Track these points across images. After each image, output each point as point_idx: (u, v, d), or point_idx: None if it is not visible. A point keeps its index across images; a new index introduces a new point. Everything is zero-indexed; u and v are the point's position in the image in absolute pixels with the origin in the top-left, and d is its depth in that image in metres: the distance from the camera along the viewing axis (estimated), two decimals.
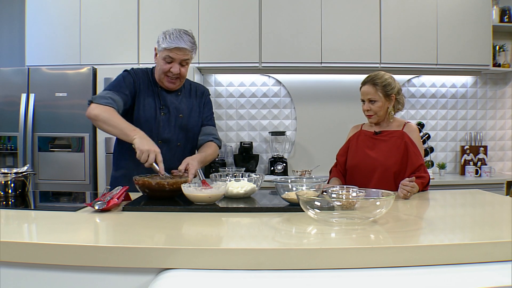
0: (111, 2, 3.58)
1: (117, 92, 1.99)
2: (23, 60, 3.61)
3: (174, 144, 2.10)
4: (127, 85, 2.04)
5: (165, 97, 2.10)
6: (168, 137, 2.08)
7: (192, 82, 2.27)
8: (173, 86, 2.08)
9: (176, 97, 2.13)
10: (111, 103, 1.93)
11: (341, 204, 1.39)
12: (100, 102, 1.92)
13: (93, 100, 1.95)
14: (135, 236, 1.23)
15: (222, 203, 1.65)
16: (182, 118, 2.12)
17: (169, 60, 2.00)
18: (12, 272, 1.12)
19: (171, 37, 1.97)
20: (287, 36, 3.62)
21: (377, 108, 2.15)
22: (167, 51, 1.98)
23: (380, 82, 2.14)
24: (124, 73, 2.09)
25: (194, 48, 2.03)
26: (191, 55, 2.04)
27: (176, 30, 2.01)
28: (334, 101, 3.98)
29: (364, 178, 2.11)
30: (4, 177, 1.83)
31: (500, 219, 1.49)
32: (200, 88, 2.26)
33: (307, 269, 1.03)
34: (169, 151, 2.06)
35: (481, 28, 3.72)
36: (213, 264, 1.04)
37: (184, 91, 2.18)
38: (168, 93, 2.12)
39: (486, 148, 4.02)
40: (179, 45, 1.96)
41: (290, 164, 3.94)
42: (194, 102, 2.19)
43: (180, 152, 2.10)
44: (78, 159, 3.30)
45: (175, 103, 2.11)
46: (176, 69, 2.01)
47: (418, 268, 1.05)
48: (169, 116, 2.09)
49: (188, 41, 1.99)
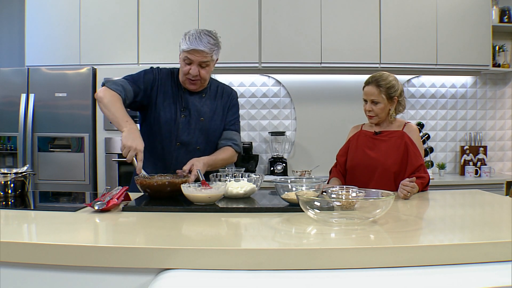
0: (111, 2, 3.58)
1: (131, 82, 1.99)
2: (22, 60, 3.62)
3: (193, 147, 2.06)
4: (145, 80, 2.03)
5: (187, 99, 2.07)
6: (186, 140, 2.05)
7: (220, 84, 2.21)
8: (194, 87, 2.05)
9: (200, 99, 2.09)
10: (120, 90, 1.93)
11: (340, 204, 1.39)
12: (110, 87, 1.93)
13: (105, 83, 1.96)
14: (134, 236, 1.23)
15: (221, 203, 1.65)
16: (203, 121, 2.07)
17: (188, 61, 1.98)
18: (12, 272, 1.11)
19: (190, 39, 1.94)
20: (287, 36, 3.62)
21: (379, 110, 2.14)
22: (185, 53, 1.96)
23: (384, 84, 2.12)
24: (147, 69, 2.09)
25: (214, 50, 1.98)
26: (211, 57, 1.99)
27: (197, 31, 1.97)
28: (333, 101, 3.98)
29: (364, 178, 2.11)
30: (3, 177, 1.83)
31: (500, 219, 1.49)
32: (227, 90, 2.19)
33: (307, 270, 1.03)
34: (187, 154, 2.03)
35: (480, 28, 3.72)
36: (213, 264, 1.04)
37: (209, 93, 2.13)
38: (191, 94, 2.08)
39: (485, 148, 4.03)
40: (196, 47, 1.93)
41: (290, 164, 3.94)
42: (218, 104, 2.13)
43: (199, 155, 2.01)
44: (77, 159, 3.30)
45: (197, 106, 2.07)
46: (195, 71, 1.97)
47: (417, 268, 1.05)
48: (189, 118, 2.06)
49: (207, 43, 1.94)
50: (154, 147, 2.04)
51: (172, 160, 2.05)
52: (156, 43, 3.55)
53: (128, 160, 1.75)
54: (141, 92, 2.01)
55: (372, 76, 2.17)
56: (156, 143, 2.05)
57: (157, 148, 2.05)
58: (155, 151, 2.06)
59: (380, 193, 1.43)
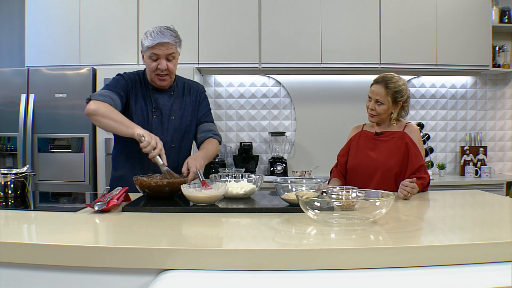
0: (111, 2, 3.58)
1: (115, 92, 2.00)
2: (22, 61, 3.62)
3: (168, 146, 2.07)
4: (121, 86, 2.05)
5: (157, 99, 2.10)
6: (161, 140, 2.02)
7: (186, 81, 2.25)
8: (164, 83, 2.07)
9: (169, 98, 2.12)
10: (108, 100, 1.94)
11: (340, 204, 1.39)
12: (99, 98, 1.94)
13: (92, 97, 1.96)
14: (134, 237, 1.23)
15: (221, 204, 1.65)
16: (174, 119, 2.11)
17: (154, 57, 2.00)
18: (12, 272, 1.12)
19: (152, 35, 1.98)
20: (286, 36, 3.62)
21: (381, 111, 2.13)
22: (151, 49, 1.99)
23: (393, 87, 2.10)
24: (117, 76, 2.10)
25: (177, 42, 2.03)
26: (176, 49, 2.03)
27: (157, 28, 2.01)
28: (333, 102, 3.98)
29: (365, 179, 2.11)
30: (4, 178, 1.83)
31: (500, 219, 1.49)
32: (194, 87, 2.23)
33: (307, 270, 1.03)
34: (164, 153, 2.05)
35: (480, 29, 3.72)
36: (213, 265, 1.04)
37: (177, 91, 2.16)
38: (160, 94, 2.11)
39: (485, 149, 4.03)
40: (161, 40, 1.96)
41: (290, 164, 3.94)
42: (187, 101, 2.17)
43: (175, 153, 2.10)
44: (77, 159, 3.30)
45: (167, 105, 2.11)
46: (163, 65, 2.00)
47: (418, 268, 1.05)
48: (161, 118, 2.09)
49: (169, 35, 1.99)
50: (131, 150, 2.04)
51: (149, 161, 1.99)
52: None
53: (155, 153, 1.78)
54: (123, 99, 2.04)
55: (383, 75, 2.15)
56: (132, 146, 2.00)
57: (134, 151, 2.02)
58: (132, 154, 2.06)
59: (380, 194, 1.43)
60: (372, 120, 2.20)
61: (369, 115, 2.18)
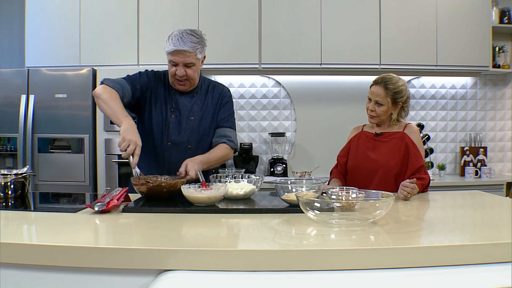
0: (111, 3, 3.58)
1: (129, 82, 2.03)
2: (23, 61, 3.61)
3: (184, 147, 2.07)
4: (141, 81, 2.07)
5: (177, 100, 2.09)
6: (177, 140, 2.07)
7: (212, 82, 2.21)
8: (183, 88, 2.07)
9: (190, 99, 2.11)
10: (118, 88, 1.95)
11: (340, 205, 1.39)
12: (109, 84, 1.96)
13: (104, 81, 1.99)
14: (134, 237, 1.23)
15: (221, 204, 1.65)
16: (193, 120, 2.09)
17: (173, 63, 2.00)
18: (12, 273, 1.11)
19: (173, 40, 1.95)
20: (286, 37, 3.62)
21: (381, 112, 2.13)
22: (169, 55, 1.99)
23: (392, 88, 2.10)
24: (142, 71, 2.12)
25: (197, 48, 1.97)
26: (195, 56, 1.98)
27: (180, 32, 1.97)
28: (333, 102, 3.98)
29: (365, 180, 2.11)
30: (3, 178, 1.83)
31: (500, 220, 1.49)
32: (218, 89, 2.18)
33: (307, 271, 1.03)
34: (179, 153, 2.06)
35: (480, 29, 3.72)
36: (212, 266, 1.04)
37: (200, 92, 2.14)
38: (181, 95, 2.10)
39: (485, 149, 4.03)
40: (178, 48, 1.94)
41: (290, 165, 3.94)
42: (208, 103, 2.14)
43: (191, 154, 2.02)
44: (78, 160, 3.30)
45: (187, 105, 2.09)
46: (181, 71, 1.99)
47: (418, 269, 1.05)
48: (180, 118, 2.08)
49: (189, 42, 1.94)
50: (148, 147, 2.07)
51: (164, 159, 2.09)
52: (156, 43, 3.54)
53: (126, 154, 1.73)
54: (137, 91, 2.05)
55: (382, 76, 2.14)
56: (149, 143, 2.08)
57: (151, 148, 2.09)
58: (149, 151, 2.09)
59: (380, 194, 1.43)
60: (372, 121, 2.20)
61: (369, 116, 2.18)
